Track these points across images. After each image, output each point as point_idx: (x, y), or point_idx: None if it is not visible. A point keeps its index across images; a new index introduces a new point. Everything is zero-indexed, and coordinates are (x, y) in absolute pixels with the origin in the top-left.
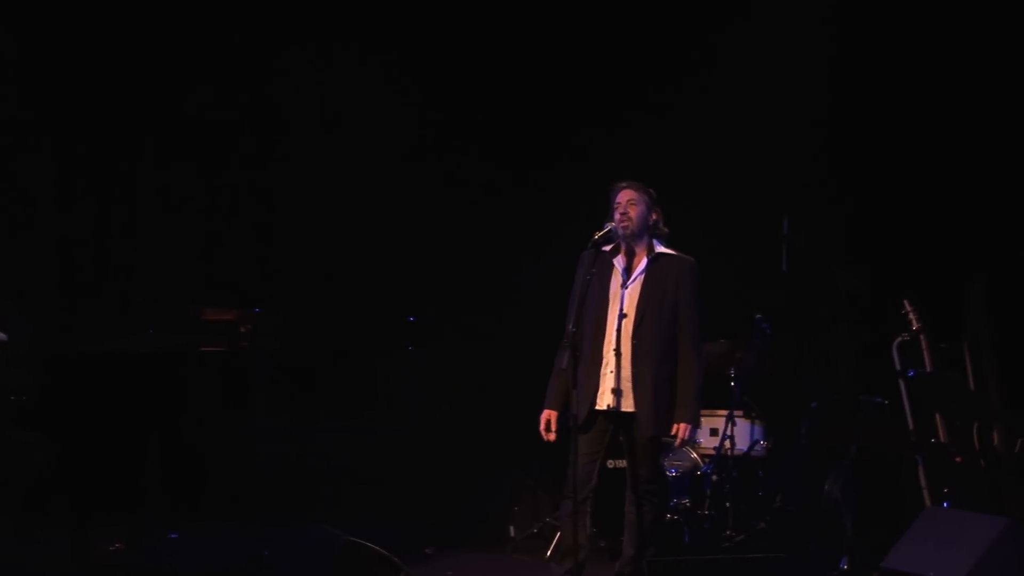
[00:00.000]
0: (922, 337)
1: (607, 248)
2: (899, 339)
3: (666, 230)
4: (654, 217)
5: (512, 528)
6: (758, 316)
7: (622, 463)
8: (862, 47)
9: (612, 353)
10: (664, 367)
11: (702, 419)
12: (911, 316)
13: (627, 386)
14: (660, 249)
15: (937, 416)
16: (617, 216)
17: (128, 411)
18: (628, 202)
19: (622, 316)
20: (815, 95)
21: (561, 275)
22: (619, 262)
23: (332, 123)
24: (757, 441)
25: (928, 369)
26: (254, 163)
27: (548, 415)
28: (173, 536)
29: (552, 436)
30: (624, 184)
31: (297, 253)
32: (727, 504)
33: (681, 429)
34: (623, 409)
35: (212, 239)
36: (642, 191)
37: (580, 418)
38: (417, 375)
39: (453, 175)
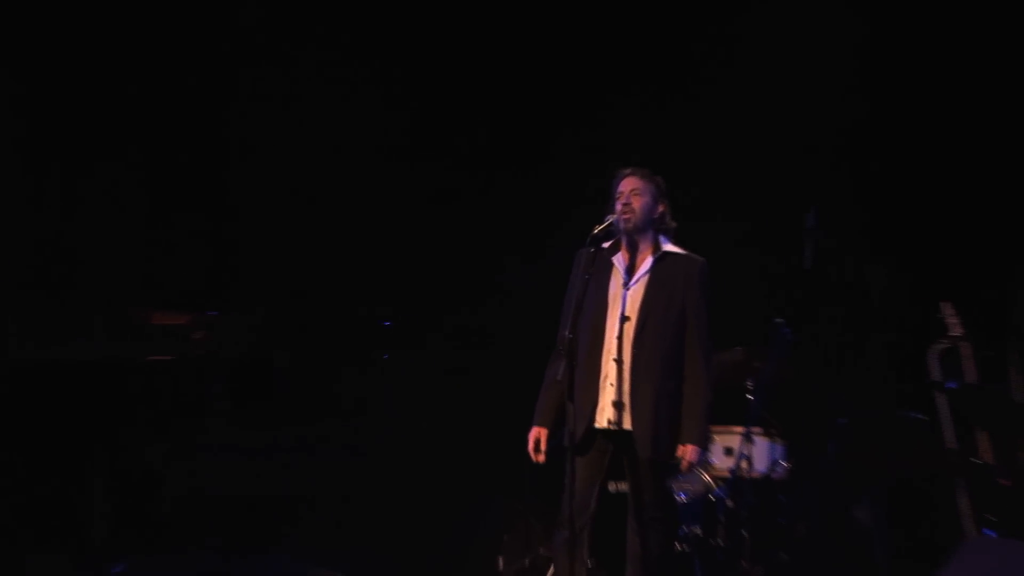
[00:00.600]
0: (964, 344)
1: (606, 245)
2: (938, 346)
3: (674, 224)
4: (660, 209)
5: (501, 560)
6: (778, 320)
7: (625, 486)
8: (902, 20)
9: (612, 363)
10: (668, 381)
11: (715, 437)
12: (951, 320)
13: (629, 400)
14: (667, 247)
15: (981, 433)
16: (618, 207)
17: (66, 427)
18: (631, 192)
19: (624, 320)
20: (843, 68)
21: (555, 275)
22: (620, 260)
23: (300, 115)
24: (777, 462)
25: (970, 380)
26: (207, 152)
27: (537, 433)
28: (117, 571)
29: (542, 457)
30: (628, 171)
31: (259, 252)
32: (743, 533)
33: (687, 452)
34: (625, 426)
35: (162, 235)
36: (648, 179)
37: (577, 436)
38: (393, 387)
39: (433, 167)
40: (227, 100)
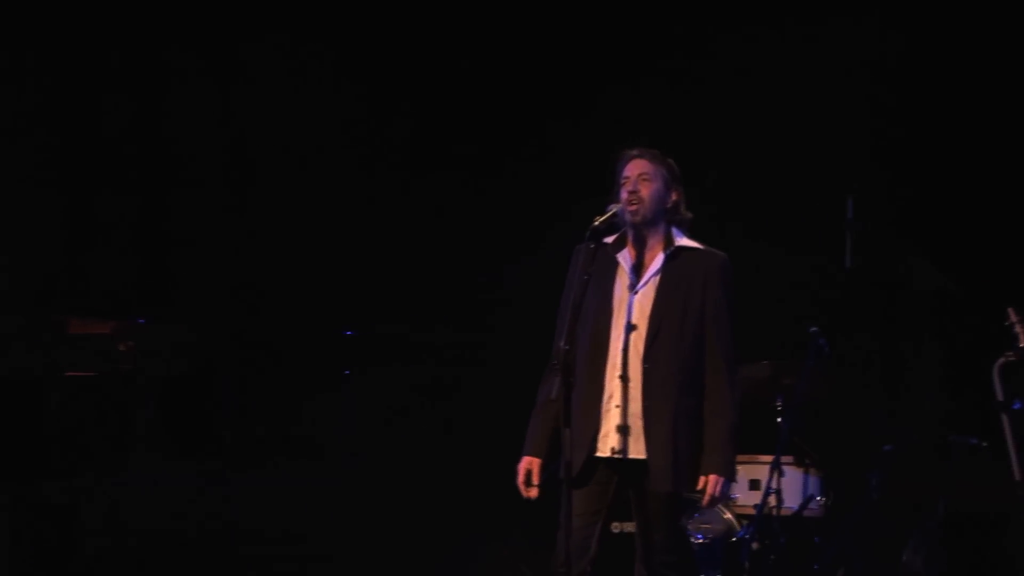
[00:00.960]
0: None
1: (609, 240)
2: (1001, 360)
3: (689, 216)
4: (674, 198)
5: None
6: (813, 329)
7: (631, 527)
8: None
9: (618, 380)
10: (686, 399)
11: (738, 468)
12: (1018, 329)
13: (637, 424)
14: (681, 241)
15: None
16: (624, 195)
17: None
18: (639, 177)
19: (630, 329)
20: (888, 38)
21: (550, 277)
22: (625, 258)
23: (248, 104)
24: (812, 496)
25: None
26: (140, 137)
27: (528, 463)
28: None
29: (534, 492)
30: (635, 152)
31: (198, 253)
32: None
33: (710, 483)
34: (632, 455)
35: (84, 230)
36: (659, 163)
37: (575, 467)
38: (357, 408)
39: (403, 157)
40: (165, 79)
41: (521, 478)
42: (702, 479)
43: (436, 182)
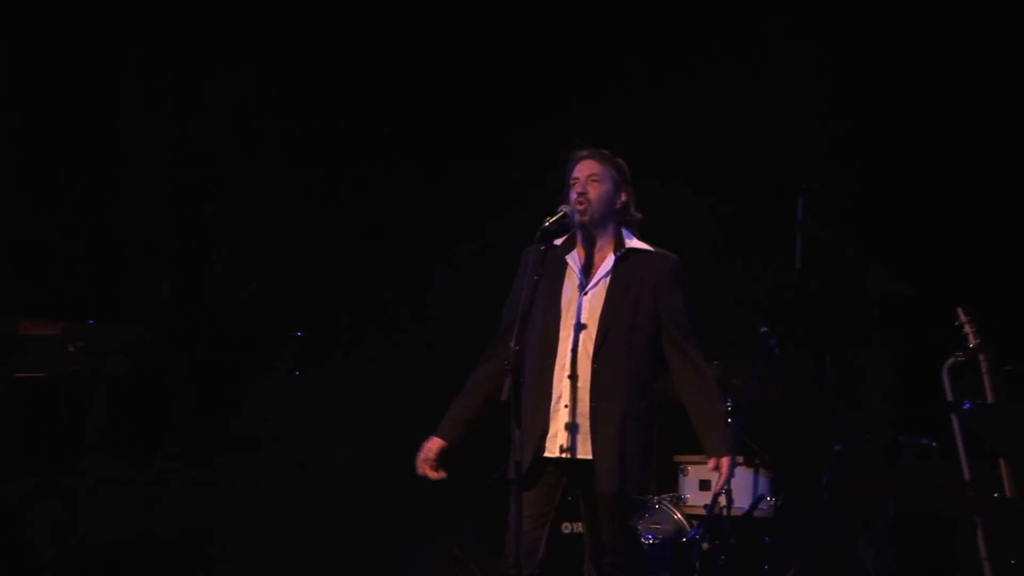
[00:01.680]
0: (982, 357)
1: (559, 242)
2: (951, 360)
3: (638, 216)
4: (623, 199)
5: None
6: (763, 330)
7: (580, 527)
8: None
9: (567, 380)
10: (635, 401)
11: (688, 468)
12: (968, 330)
13: (586, 424)
14: (631, 243)
15: (1002, 462)
16: (573, 196)
17: None
18: (588, 178)
19: (579, 329)
20: (838, 35)
21: (499, 276)
22: (575, 259)
23: (196, 103)
24: (762, 497)
25: (990, 399)
26: (89, 135)
27: (432, 444)
28: None
29: (434, 473)
30: (584, 153)
31: (148, 253)
32: None
33: (723, 464)
34: (580, 456)
35: (32, 231)
36: (608, 163)
37: (523, 467)
38: (306, 408)
39: (352, 157)
40: (115, 78)
41: (421, 455)
42: (712, 461)
43: (385, 181)
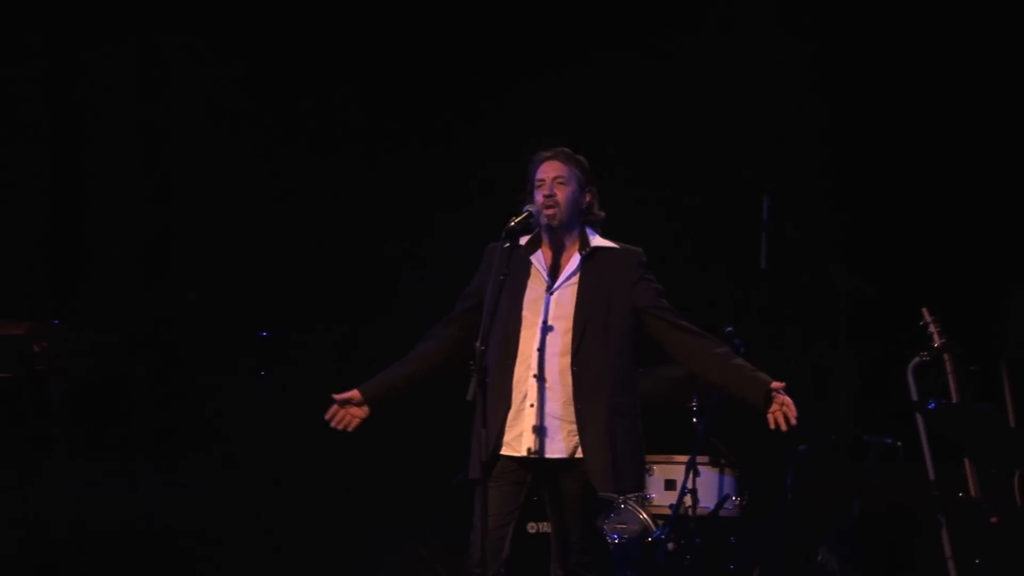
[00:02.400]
0: (947, 357)
1: (523, 240)
2: (916, 360)
3: (602, 215)
4: (587, 199)
5: None
6: (728, 329)
7: (547, 527)
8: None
9: (533, 380)
10: (619, 397)
11: (653, 468)
12: (932, 329)
13: (554, 423)
14: (596, 241)
15: (966, 462)
16: (540, 198)
17: None
18: (554, 180)
19: (546, 329)
20: (805, 35)
21: (464, 273)
22: (539, 259)
23: (166, 100)
24: (728, 496)
25: (954, 399)
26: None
27: (351, 394)
28: None
29: (344, 416)
30: (548, 154)
31: (112, 252)
32: None
33: (778, 385)
34: (549, 455)
35: None
36: (572, 164)
37: (488, 466)
38: (271, 409)
39: (316, 156)
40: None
41: (338, 397)
42: (772, 384)
43: (345, 178)
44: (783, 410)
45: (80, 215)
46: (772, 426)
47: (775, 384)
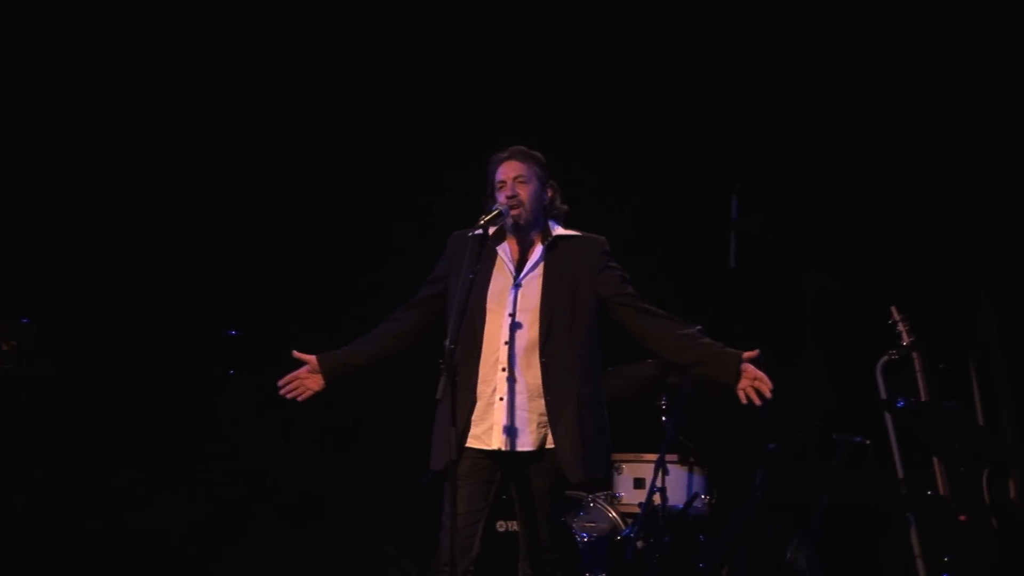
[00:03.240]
0: (915, 355)
1: (491, 231)
2: (885, 358)
3: (565, 208)
4: (549, 195)
5: None
6: (697, 328)
7: (516, 525)
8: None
9: (501, 373)
10: (587, 387)
11: (623, 466)
12: (901, 328)
13: (524, 416)
14: (557, 231)
15: (935, 460)
16: (503, 199)
17: None
18: (515, 180)
19: (513, 322)
20: (774, 35)
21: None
22: (505, 251)
23: (130, 100)
24: (697, 495)
25: (923, 398)
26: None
27: (309, 358)
28: None
29: (297, 385)
30: (505, 155)
31: (79, 252)
32: None
33: (751, 354)
34: (519, 448)
35: None
36: (530, 161)
37: (458, 463)
38: (242, 408)
39: (288, 152)
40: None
41: (297, 354)
42: (743, 355)
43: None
44: (755, 384)
45: (49, 214)
46: (744, 400)
47: (747, 354)
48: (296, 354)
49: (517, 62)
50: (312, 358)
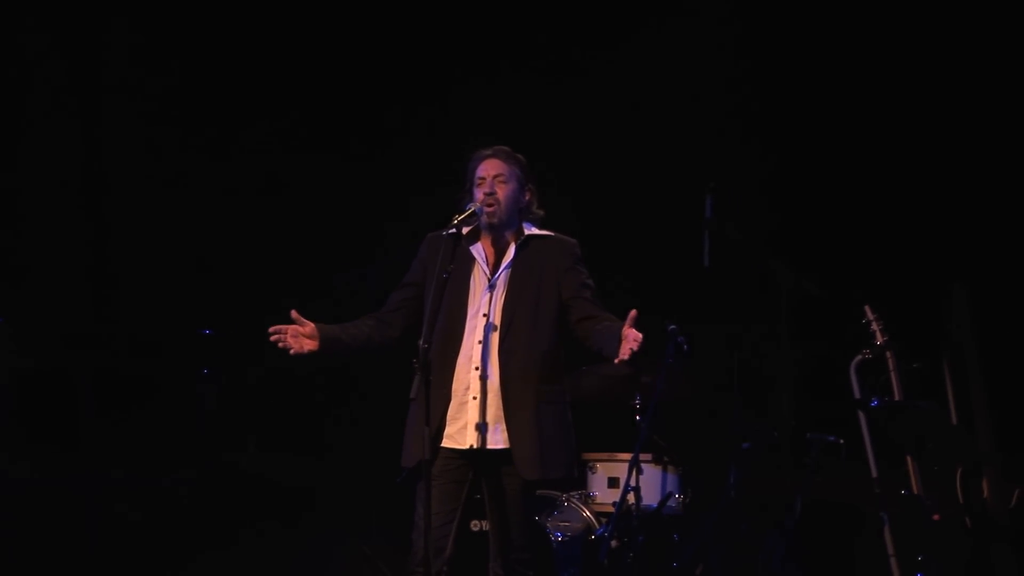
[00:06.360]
0: (889, 355)
1: (465, 231)
2: (859, 357)
3: (541, 213)
4: (527, 197)
5: None
6: (672, 327)
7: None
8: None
9: (474, 372)
10: (546, 385)
11: (597, 466)
12: (875, 327)
13: (496, 415)
14: (531, 231)
15: (909, 459)
16: (480, 196)
17: None
18: (495, 179)
19: (487, 321)
20: (745, 29)
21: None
22: (480, 251)
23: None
24: (671, 494)
25: (897, 397)
26: None
27: (309, 323)
28: None
29: (295, 333)
30: (488, 152)
31: (48, 248)
32: None
33: (632, 315)
34: (491, 446)
35: None
36: (512, 162)
37: (431, 463)
38: (214, 406)
39: (258, 149)
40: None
41: (296, 315)
42: (624, 335)
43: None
44: (630, 344)
45: (19, 211)
46: (627, 357)
47: (629, 316)
48: (294, 314)
49: (490, 61)
50: (310, 323)
